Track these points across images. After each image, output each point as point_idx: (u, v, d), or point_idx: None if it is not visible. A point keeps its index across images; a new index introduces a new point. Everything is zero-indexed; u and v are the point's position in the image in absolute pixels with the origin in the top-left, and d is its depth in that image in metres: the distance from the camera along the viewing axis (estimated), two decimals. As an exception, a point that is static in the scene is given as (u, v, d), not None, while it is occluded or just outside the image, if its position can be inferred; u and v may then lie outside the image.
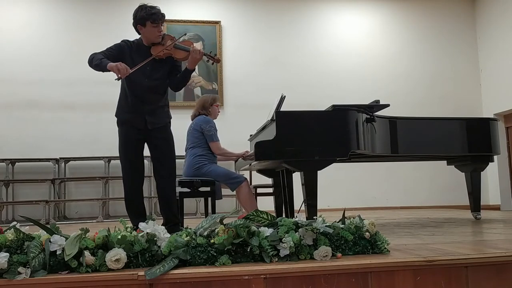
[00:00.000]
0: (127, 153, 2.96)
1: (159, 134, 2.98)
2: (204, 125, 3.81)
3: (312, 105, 4.51)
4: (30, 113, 6.38)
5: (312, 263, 1.76)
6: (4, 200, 6.00)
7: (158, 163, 3.00)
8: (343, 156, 3.05)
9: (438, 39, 7.53)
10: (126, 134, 2.96)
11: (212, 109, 3.97)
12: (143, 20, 2.86)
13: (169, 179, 3.03)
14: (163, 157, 2.99)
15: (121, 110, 3.00)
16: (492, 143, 3.95)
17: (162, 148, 2.99)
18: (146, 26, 2.87)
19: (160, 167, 2.99)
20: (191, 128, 3.92)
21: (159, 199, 3.05)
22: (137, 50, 2.92)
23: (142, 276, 1.61)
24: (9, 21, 6.49)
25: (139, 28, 2.93)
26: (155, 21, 2.85)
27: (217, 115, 4.03)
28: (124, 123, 2.97)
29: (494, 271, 1.84)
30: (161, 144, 2.99)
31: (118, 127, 3.02)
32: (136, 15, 2.90)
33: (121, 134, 2.99)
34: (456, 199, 6.80)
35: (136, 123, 2.93)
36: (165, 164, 2.99)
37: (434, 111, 6.83)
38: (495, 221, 3.99)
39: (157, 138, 2.97)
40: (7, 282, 1.56)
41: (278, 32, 7.14)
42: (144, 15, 2.84)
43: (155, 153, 3.00)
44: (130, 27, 3.04)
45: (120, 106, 3.02)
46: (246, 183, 3.81)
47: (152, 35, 2.90)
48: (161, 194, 3.02)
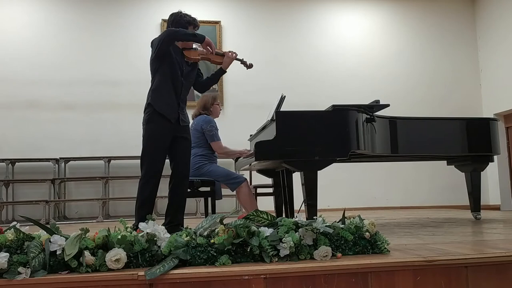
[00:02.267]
0: (160, 150, 2.89)
1: (186, 134, 3.05)
2: (205, 125, 3.81)
3: (312, 105, 4.51)
4: (30, 113, 6.38)
5: (312, 263, 1.76)
6: (4, 200, 6.00)
7: (180, 163, 3.01)
8: (343, 156, 3.05)
9: (438, 39, 7.53)
10: (162, 129, 2.88)
11: (214, 108, 3.98)
12: (187, 24, 3.04)
13: (187, 180, 3.08)
14: (184, 156, 3.03)
15: (159, 99, 2.91)
16: (492, 143, 3.94)
17: (184, 148, 3.03)
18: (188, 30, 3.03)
19: (182, 167, 3.02)
20: (191, 128, 3.91)
21: (171, 199, 3.02)
22: (174, 50, 3.00)
23: (142, 276, 1.61)
24: (9, 21, 6.49)
25: None
26: (196, 26, 3.09)
27: (218, 114, 4.04)
28: (161, 115, 2.89)
29: (494, 271, 1.84)
30: (186, 145, 3.04)
31: (151, 122, 2.89)
32: (179, 19, 3.05)
33: (155, 128, 2.88)
34: (456, 199, 6.80)
35: (172, 116, 2.92)
36: (186, 164, 3.04)
37: (434, 111, 6.82)
38: (495, 221, 3.99)
39: (182, 136, 3.01)
40: (7, 282, 1.56)
41: (278, 32, 7.14)
42: (190, 20, 3.05)
43: (179, 152, 3.01)
44: (130, 27, 3.06)
45: (158, 94, 2.92)
46: (246, 183, 3.81)
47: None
48: (175, 193, 3.00)
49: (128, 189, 6.03)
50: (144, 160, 2.89)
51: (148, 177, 2.86)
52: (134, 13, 6.66)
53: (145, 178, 2.87)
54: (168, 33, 2.89)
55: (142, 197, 2.85)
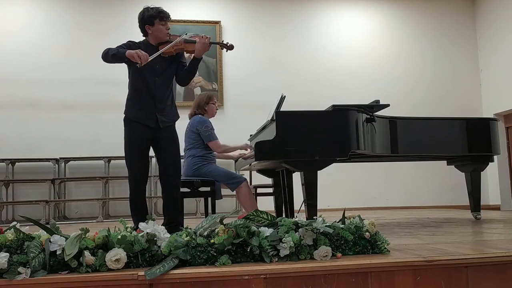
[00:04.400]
0: (136, 152, 2.93)
1: (167, 133, 2.99)
2: (200, 126, 3.78)
3: (312, 105, 4.50)
4: (30, 113, 6.38)
5: (312, 263, 1.76)
6: (4, 200, 6.00)
7: (165, 162, 3.00)
8: (343, 156, 3.05)
9: (438, 39, 7.53)
10: (136, 133, 2.92)
11: (209, 107, 3.93)
12: (151, 19, 2.94)
13: (176, 179, 3.05)
14: (171, 156, 3.00)
15: (132, 108, 2.95)
16: (492, 143, 3.94)
17: (170, 148, 3.00)
18: (155, 24, 2.95)
19: (168, 167, 3.00)
20: (187, 129, 3.90)
21: (164, 199, 3.04)
22: (146, 49, 2.91)
23: (142, 276, 1.61)
24: (9, 21, 6.49)
25: (147, 28, 2.98)
26: (163, 18, 2.95)
27: (214, 113, 3.99)
28: (135, 121, 2.93)
29: (494, 271, 1.84)
30: (169, 143, 3.00)
31: (126, 127, 2.97)
32: (143, 15, 2.98)
33: (130, 133, 2.95)
34: (456, 199, 6.80)
35: (148, 121, 2.91)
36: (172, 164, 3.00)
37: (434, 111, 6.82)
38: (495, 221, 3.99)
39: (166, 137, 2.98)
40: (7, 282, 1.56)
41: (278, 32, 7.14)
42: (153, 14, 2.94)
43: (163, 152, 3.00)
44: (130, 27, 3.06)
45: (131, 104, 2.96)
46: (246, 183, 3.81)
47: (161, 33, 2.98)
48: (167, 194, 3.02)
49: (128, 189, 6.01)
50: (126, 163, 2.98)
51: (131, 178, 2.97)
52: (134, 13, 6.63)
53: (129, 180, 2.98)
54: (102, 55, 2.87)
55: (130, 199, 2.99)
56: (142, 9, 3.01)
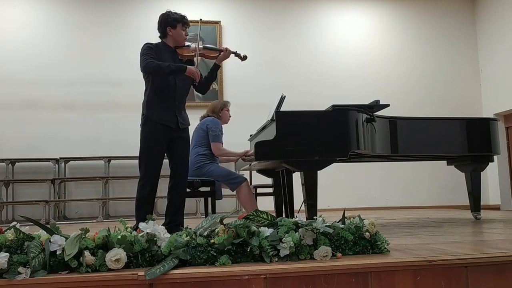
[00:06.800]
0: (155, 152, 2.96)
1: (184, 134, 3.08)
2: (211, 125, 3.86)
3: (312, 105, 4.51)
4: (30, 113, 6.38)
5: (312, 263, 1.76)
6: (4, 200, 6.00)
7: (178, 163, 3.05)
8: (343, 156, 3.05)
9: (438, 39, 7.53)
10: (159, 133, 2.95)
11: (223, 114, 4.06)
12: (175, 22, 3.06)
13: (184, 181, 3.12)
14: (183, 158, 3.08)
15: (155, 108, 2.97)
16: (492, 143, 3.94)
17: (184, 149, 3.08)
18: (177, 28, 3.07)
19: (180, 167, 3.06)
20: (198, 127, 3.97)
21: (170, 199, 3.07)
22: (166, 51, 3.01)
23: (142, 276, 1.61)
24: (9, 21, 6.49)
25: (169, 30, 3.07)
26: (185, 24, 3.11)
27: (227, 120, 4.14)
28: (158, 122, 2.95)
29: (494, 271, 1.84)
30: (185, 144, 3.09)
31: (147, 126, 2.98)
32: (167, 18, 3.07)
33: (152, 133, 2.96)
34: (456, 199, 6.80)
35: (170, 122, 2.98)
36: (185, 165, 3.09)
37: (434, 111, 6.82)
38: (495, 221, 3.99)
39: (182, 138, 3.06)
40: (7, 282, 1.56)
41: (278, 32, 7.14)
42: (177, 18, 3.08)
43: (177, 153, 3.05)
44: (130, 27, 3.06)
45: (153, 104, 2.98)
46: (246, 183, 3.81)
47: (180, 37, 3.10)
48: (174, 193, 3.05)
49: (128, 189, 6.02)
50: (142, 162, 2.97)
51: (146, 178, 2.94)
52: (134, 13, 6.66)
53: (143, 179, 2.94)
54: (153, 68, 2.86)
55: (140, 198, 2.92)
56: (165, 12, 3.11)
